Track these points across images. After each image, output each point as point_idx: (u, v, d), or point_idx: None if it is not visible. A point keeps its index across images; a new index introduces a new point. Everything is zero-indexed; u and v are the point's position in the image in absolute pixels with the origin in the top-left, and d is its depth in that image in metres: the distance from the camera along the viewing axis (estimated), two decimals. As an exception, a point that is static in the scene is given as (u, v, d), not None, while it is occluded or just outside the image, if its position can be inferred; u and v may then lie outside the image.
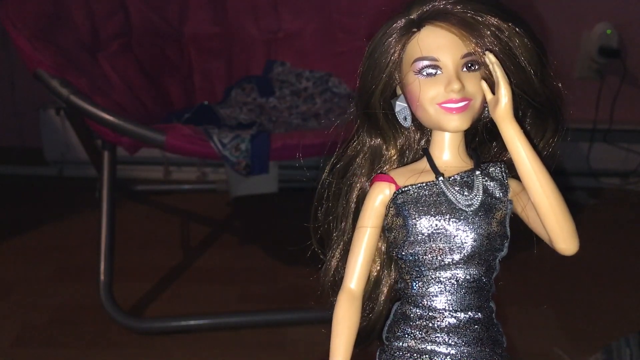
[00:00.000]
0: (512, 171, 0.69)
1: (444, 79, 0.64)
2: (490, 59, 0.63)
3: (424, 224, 0.66)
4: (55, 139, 2.13)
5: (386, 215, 0.69)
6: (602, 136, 2.12)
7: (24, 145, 2.20)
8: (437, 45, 0.64)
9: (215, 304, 1.53)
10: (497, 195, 0.68)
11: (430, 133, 0.70)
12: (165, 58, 1.85)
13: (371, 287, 0.73)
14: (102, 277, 1.41)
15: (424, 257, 0.66)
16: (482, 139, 0.71)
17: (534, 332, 1.44)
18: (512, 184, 0.69)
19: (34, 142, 2.15)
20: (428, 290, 0.67)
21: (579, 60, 2.10)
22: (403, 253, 0.67)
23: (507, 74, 0.63)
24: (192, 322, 1.44)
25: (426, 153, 0.69)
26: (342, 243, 0.73)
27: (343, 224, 0.73)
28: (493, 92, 0.64)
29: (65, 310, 1.50)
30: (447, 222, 0.66)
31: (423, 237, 0.66)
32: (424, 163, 0.69)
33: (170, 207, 2.03)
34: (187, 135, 1.38)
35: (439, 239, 0.66)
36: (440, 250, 0.66)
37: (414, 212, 0.66)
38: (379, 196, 0.68)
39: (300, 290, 1.53)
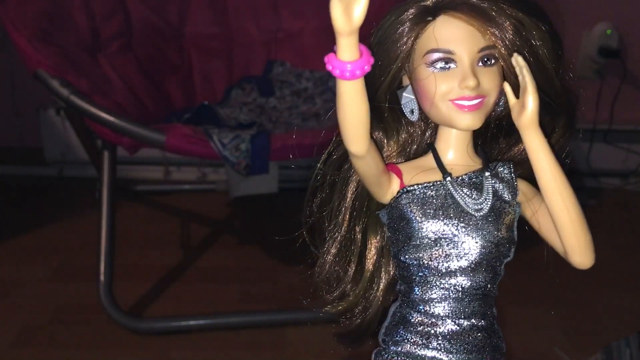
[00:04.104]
0: (519, 169, 0.66)
1: (458, 73, 0.60)
2: (519, 62, 0.58)
3: (430, 228, 0.62)
4: (55, 139, 2.13)
5: (389, 213, 0.65)
6: (602, 136, 2.12)
7: (24, 145, 2.19)
8: (454, 36, 0.59)
9: (215, 304, 1.53)
10: (506, 198, 0.64)
11: (436, 127, 0.66)
12: (165, 58, 1.85)
13: (366, 284, 0.70)
14: (102, 277, 1.41)
15: (429, 262, 0.63)
16: (491, 135, 0.67)
17: (534, 332, 1.44)
18: (521, 185, 0.65)
19: (34, 142, 2.15)
20: (431, 296, 0.64)
21: (579, 60, 2.10)
22: (406, 257, 0.64)
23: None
24: (192, 322, 1.44)
25: (433, 149, 0.65)
26: (338, 238, 0.69)
27: (339, 218, 0.68)
28: (516, 95, 0.60)
29: (65, 310, 1.50)
30: (455, 227, 0.62)
31: (429, 241, 0.62)
32: (429, 160, 0.65)
33: (170, 207, 2.03)
34: (187, 135, 1.37)
35: (445, 244, 0.62)
36: (447, 257, 0.62)
37: (420, 215, 0.62)
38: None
39: (301, 291, 1.53)
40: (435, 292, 0.64)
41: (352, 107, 0.56)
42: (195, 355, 1.37)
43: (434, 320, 0.64)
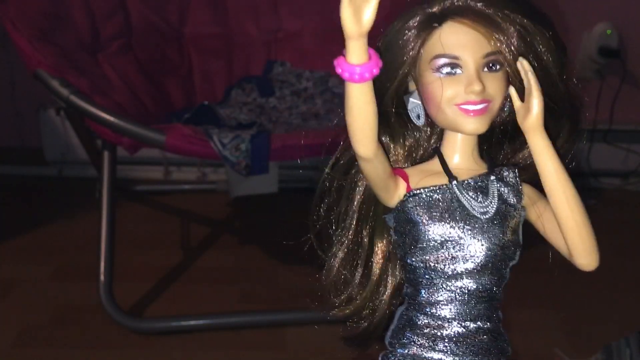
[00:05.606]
0: (523, 174, 0.67)
1: (463, 78, 0.61)
2: (524, 66, 0.60)
3: (437, 231, 0.63)
4: (55, 139, 2.13)
5: (395, 217, 0.66)
6: (602, 136, 2.12)
7: (24, 145, 2.19)
8: (459, 42, 0.61)
9: (215, 304, 1.53)
10: (512, 201, 0.65)
11: (442, 131, 0.67)
12: (165, 58, 1.85)
13: (373, 288, 0.70)
14: (102, 277, 1.41)
15: (435, 265, 0.64)
16: (496, 140, 0.69)
17: (534, 332, 1.44)
18: (526, 189, 0.66)
19: (34, 142, 2.15)
20: (437, 298, 0.65)
21: (579, 60, 2.10)
22: (413, 259, 0.65)
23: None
24: (192, 322, 1.44)
25: (438, 154, 0.66)
26: (345, 242, 0.70)
27: (346, 222, 0.69)
28: (521, 99, 0.61)
29: (65, 310, 1.50)
30: (460, 230, 0.63)
31: (435, 244, 0.64)
32: (435, 164, 0.66)
33: (170, 207, 2.03)
34: (187, 135, 1.37)
35: (451, 246, 0.63)
36: (453, 259, 0.63)
37: (426, 218, 0.63)
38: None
39: (300, 290, 1.53)
40: (441, 295, 0.65)
41: (361, 110, 0.57)
42: (195, 356, 1.37)
43: (440, 322, 0.65)
